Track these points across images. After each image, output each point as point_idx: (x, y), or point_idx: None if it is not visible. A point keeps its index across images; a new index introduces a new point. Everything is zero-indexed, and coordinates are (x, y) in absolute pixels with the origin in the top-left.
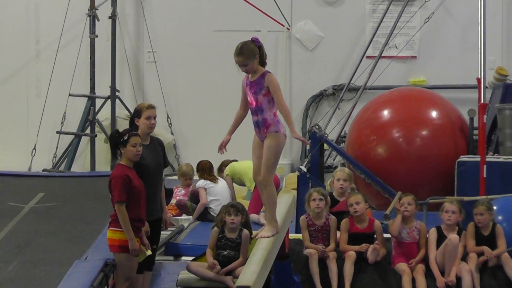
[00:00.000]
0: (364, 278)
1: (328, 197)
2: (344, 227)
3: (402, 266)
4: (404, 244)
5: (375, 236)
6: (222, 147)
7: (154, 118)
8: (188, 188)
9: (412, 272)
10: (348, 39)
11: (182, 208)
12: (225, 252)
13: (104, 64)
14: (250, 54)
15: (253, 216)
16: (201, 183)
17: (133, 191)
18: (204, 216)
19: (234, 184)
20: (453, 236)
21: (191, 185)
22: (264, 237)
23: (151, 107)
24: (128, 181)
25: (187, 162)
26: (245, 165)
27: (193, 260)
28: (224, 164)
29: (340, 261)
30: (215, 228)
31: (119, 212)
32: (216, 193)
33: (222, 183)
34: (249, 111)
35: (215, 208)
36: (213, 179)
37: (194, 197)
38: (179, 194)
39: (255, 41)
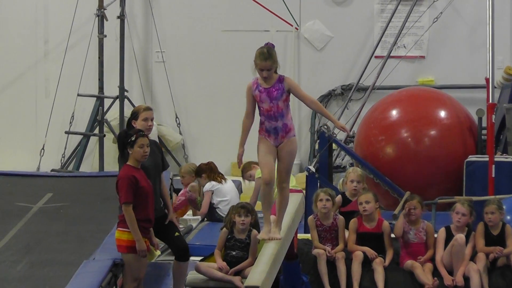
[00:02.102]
0: (372, 278)
1: (335, 197)
2: (352, 227)
3: (410, 263)
4: (411, 245)
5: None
6: (239, 161)
7: (152, 120)
8: (186, 188)
9: None
10: (357, 39)
11: (192, 203)
12: (234, 253)
13: (113, 64)
14: (276, 58)
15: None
16: (208, 186)
17: (140, 191)
18: (212, 215)
19: (244, 184)
20: (459, 236)
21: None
22: (275, 239)
23: (148, 109)
24: (135, 181)
25: (190, 162)
26: None
27: (201, 260)
28: (247, 168)
29: (349, 261)
30: (224, 229)
31: (126, 213)
32: (225, 194)
33: (229, 183)
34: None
35: (223, 208)
36: (220, 179)
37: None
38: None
39: (273, 46)
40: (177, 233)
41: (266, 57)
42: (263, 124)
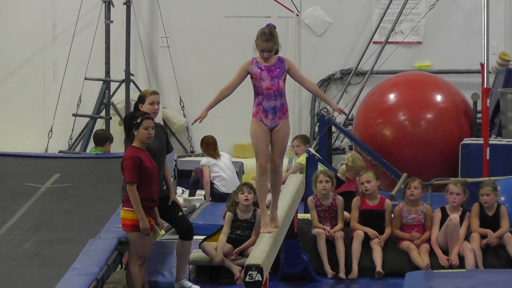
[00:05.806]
0: (371, 257)
1: (334, 178)
2: (355, 205)
3: (406, 244)
4: (409, 227)
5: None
6: (197, 120)
7: (158, 103)
8: None
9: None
10: (356, 25)
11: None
12: (239, 231)
13: (119, 48)
14: (277, 40)
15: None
16: (204, 160)
17: (144, 172)
18: (210, 191)
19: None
20: (453, 216)
21: None
22: (275, 227)
23: (155, 93)
24: (139, 162)
25: None
26: None
27: (205, 239)
28: None
29: (347, 240)
30: (228, 213)
31: (130, 192)
32: (219, 169)
33: (224, 159)
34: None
35: (219, 183)
36: (216, 156)
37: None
38: None
39: (275, 27)
40: (180, 213)
41: (268, 38)
42: (260, 105)
